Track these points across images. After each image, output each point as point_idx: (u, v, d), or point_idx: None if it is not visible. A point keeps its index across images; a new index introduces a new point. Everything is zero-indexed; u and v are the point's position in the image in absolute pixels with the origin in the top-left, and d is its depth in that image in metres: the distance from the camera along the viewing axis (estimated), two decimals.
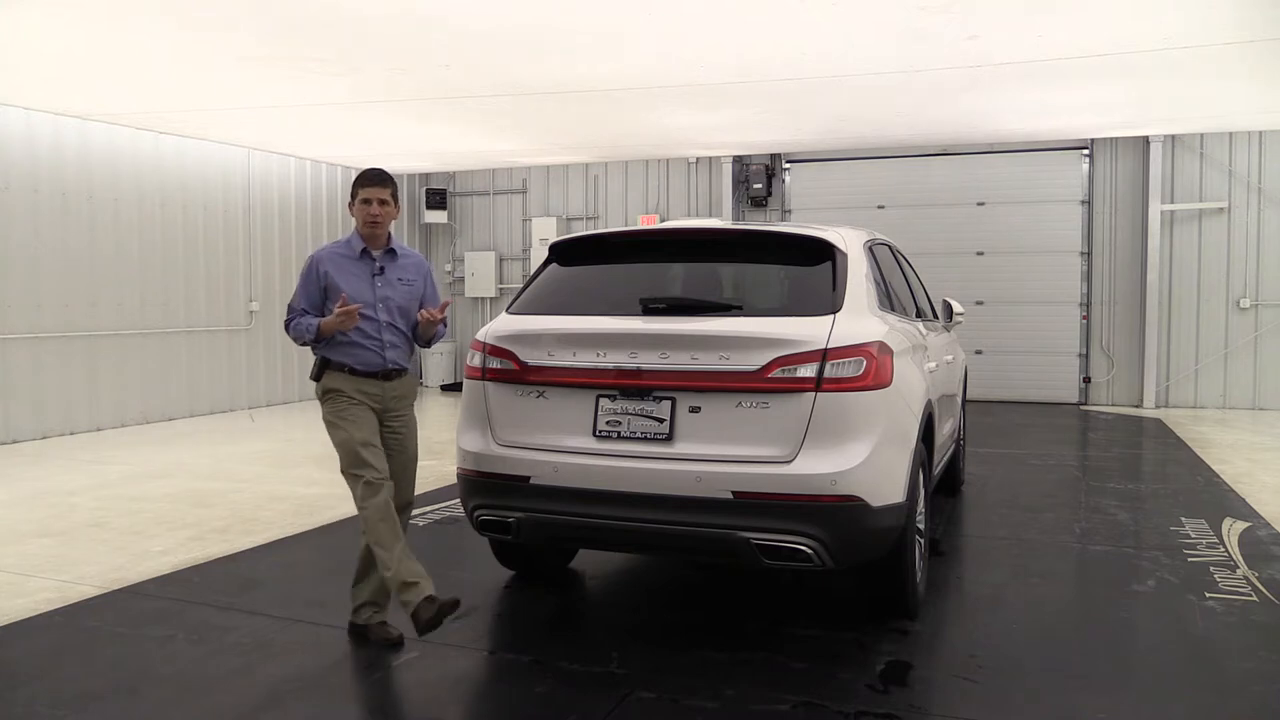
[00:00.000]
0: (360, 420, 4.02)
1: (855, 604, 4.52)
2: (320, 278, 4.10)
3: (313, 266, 4.12)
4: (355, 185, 4.13)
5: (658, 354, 3.95)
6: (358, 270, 4.11)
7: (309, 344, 4.10)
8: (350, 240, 4.17)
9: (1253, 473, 7.82)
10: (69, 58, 7.68)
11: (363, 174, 4.14)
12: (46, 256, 9.74)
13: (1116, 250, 12.38)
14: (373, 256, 4.13)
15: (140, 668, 3.86)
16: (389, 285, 4.14)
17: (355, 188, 4.12)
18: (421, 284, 4.24)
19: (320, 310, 4.10)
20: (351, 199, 4.15)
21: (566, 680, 3.71)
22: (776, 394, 3.80)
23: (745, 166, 13.64)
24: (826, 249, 4.27)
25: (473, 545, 5.18)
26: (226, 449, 9.19)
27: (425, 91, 8.94)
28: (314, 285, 4.11)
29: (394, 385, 4.13)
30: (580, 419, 4.06)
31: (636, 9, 6.51)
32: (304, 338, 4.09)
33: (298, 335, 4.11)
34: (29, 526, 6.11)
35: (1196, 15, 6.74)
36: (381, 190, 4.09)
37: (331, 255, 4.15)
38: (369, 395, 4.06)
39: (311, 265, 4.13)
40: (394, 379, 4.13)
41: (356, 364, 4.05)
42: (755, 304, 4.56)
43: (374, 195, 4.08)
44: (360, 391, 4.05)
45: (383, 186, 4.10)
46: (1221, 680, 3.76)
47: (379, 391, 4.09)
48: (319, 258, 4.14)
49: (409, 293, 4.19)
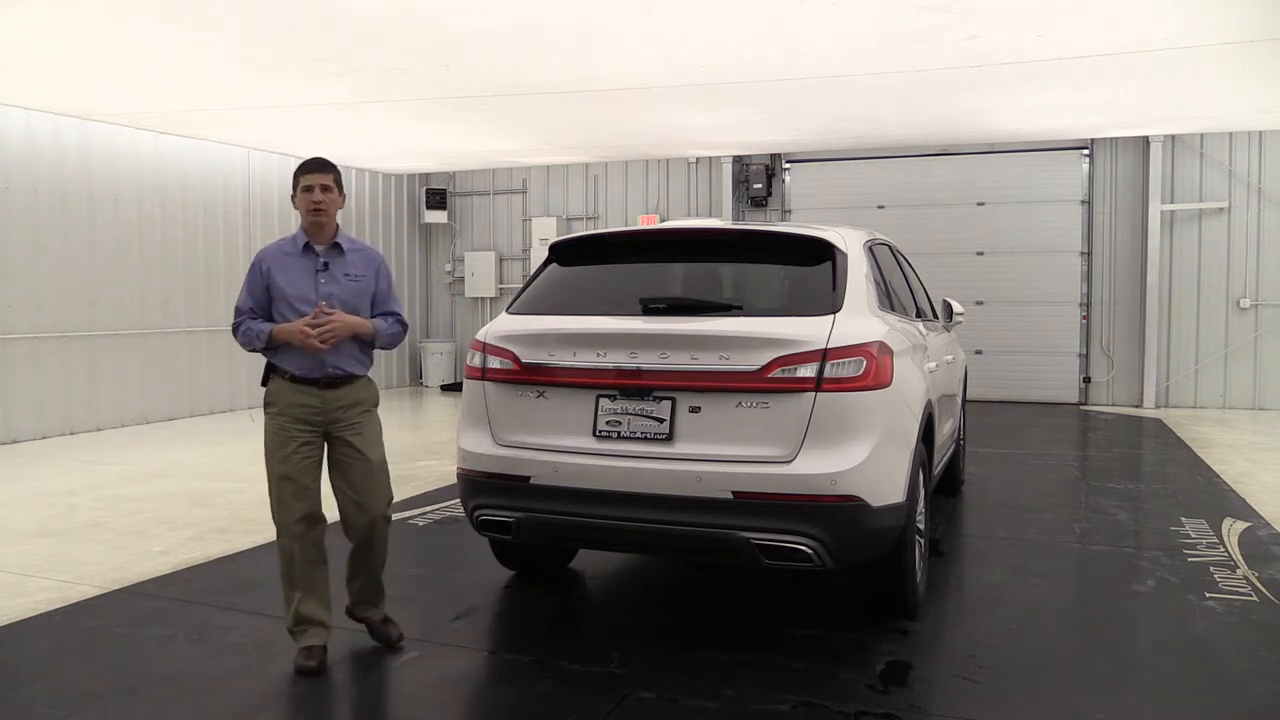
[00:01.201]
0: (286, 445, 3.76)
1: (855, 604, 4.52)
2: (264, 276, 3.84)
3: (256, 265, 3.86)
4: (296, 174, 3.86)
5: (658, 354, 3.94)
6: (300, 266, 3.84)
7: (258, 351, 3.84)
8: (295, 236, 3.91)
9: (1253, 473, 7.82)
10: (69, 58, 7.68)
11: (303, 162, 3.89)
12: (46, 256, 9.74)
13: (1116, 250, 12.38)
14: (315, 251, 3.86)
15: (140, 668, 3.86)
16: (333, 281, 3.84)
17: (296, 176, 3.85)
18: (371, 279, 3.93)
19: (267, 313, 3.84)
20: (293, 190, 3.87)
21: (566, 680, 3.71)
22: (776, 394, 3.80)
23: (745, 166, 13.64)
24: (826, 249, 4.27)
25: (473, 545, 5.18)
26: (226, 449, 9.19)
27: (425, 91, 8.94)
28: (258, 285, 3.84)
29: (338, 394, 3.81)
30: (580, 419, 4.05)
31: (636, 9, 6.51)
32: (253, 344, 3.82)
33: (246, 341, 3.84)
34: (29, 526, 6.11)
35: (1196, 15, 6.74)
36: (324, 176, 3.82)
37: (275, 253, 3.88)
38: (307, 408, 3.77)
39: (255, 264, 3.87)
40: (338, 387, 3.81)
41: (296, 369, 3.78)
42: (755, 304, 4.55)
43: (315, 181, 3.81)
44: (298, 405, 3.77)
45: (324, 173, 3.83)
46: (1221, 680, 3.76)
47: (318, 403, 3.78)
48: (262, 255, 3.89)
49: (357, 289, 3.88)
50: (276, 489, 3.79)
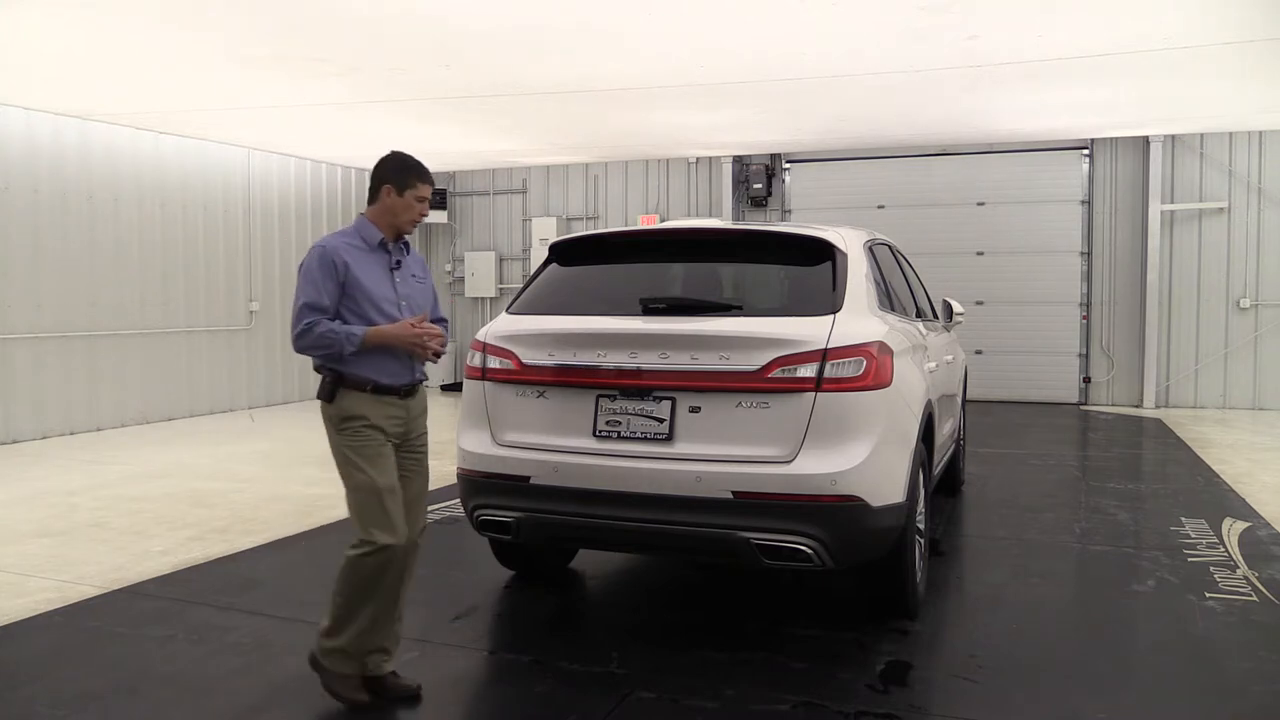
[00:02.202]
0: (385, 460, 3.41)
1: (855, 604, 4.52)
2: (339, 271, 3.38)
3: (327, 257, 3.38)
4: (410, 176, 3.48)
5: (658, 354, 3.94)
6: (377, 264, 3.48)
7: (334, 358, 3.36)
8: (360, 229, 3.51)
9: (1253, 473, 7.82)
10: (69, 58, 7.68)
11: (420, 166, 3.52)
12: (46, 256, 9.74)
13: (1116, 250, 12.37)
14: (388, 249, 3.53)
15: (140, 668, 3.86)
16: (406, 282, 3.55)
17: (411, 179, 3.47)
18: (430, 282, 3.74)
19: (338, 313, 3.40)
20: (398, 189, 3.46)
21: (566, 680, 3.71)
22: (777, 394, 3.80)
23: (745, 166, 13.64)
24: (826, 249, 4.27)
25: (473, 545, 5.18)
26: (226, 449, 9.19)
27: (425, 91, 8.94)
28: (333, 281, 3.37)
29: (417, 402, 3.58)
30: (580, 419, 4.05)
31: (636, 9, 6.51)
32: (341, 349, 3.32)
33: (328, 344, 3.32)
34: (29, 526, 6.11)
35: (1196, 15, 6.74)
36: (431, 189, 3.56)
37: (345, 246, 3.44)
38: (393, 420, 3.45)
39: (324, 256, 3.39)
40: (415, 395, 3.57)
41: (384, 378, 3.41)
42: (755, 304, 4.56)
43: (428, 194, 3.53)
44: (385, 417, 3.43)
45: (433, 185, 3.59)
46: (1221, 680, 3.76)
47: (402, 413, 3.49)
48: (333, 247, 3.42)
49: (424, 290, 3.64)
50: (380, 503, 3.37)
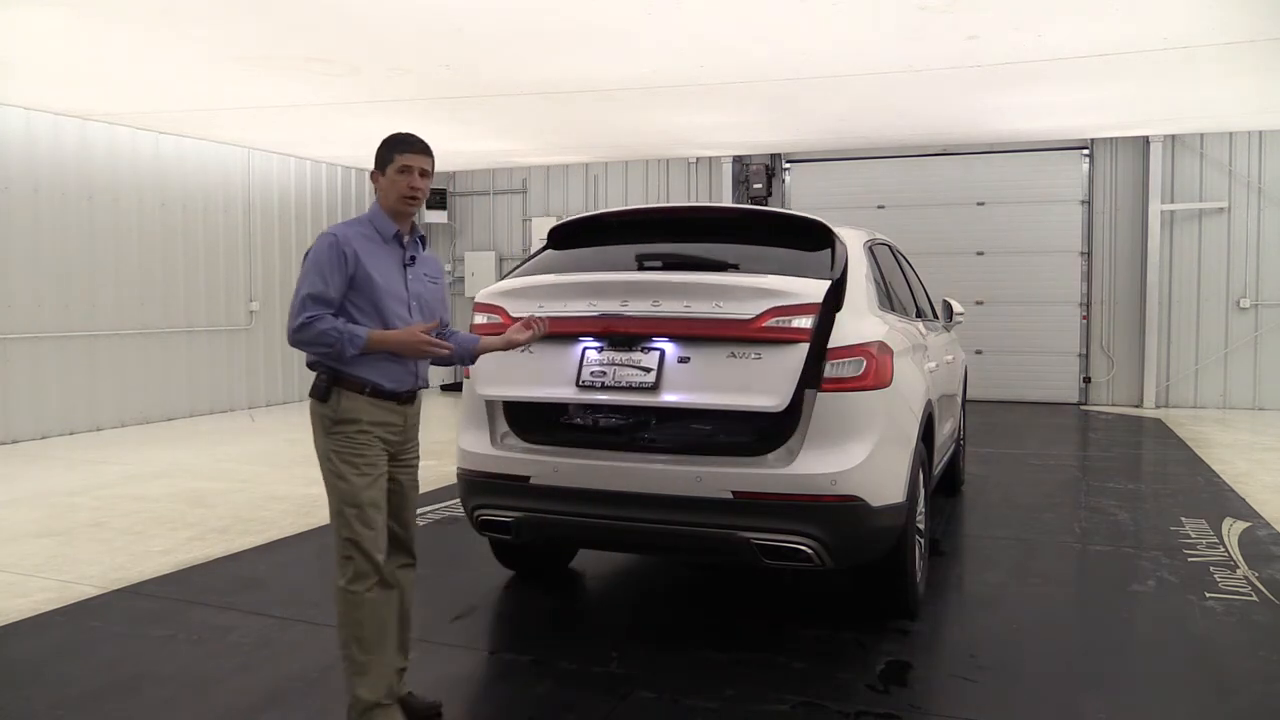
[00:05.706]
0: (374, 469, 3.14)
1: (855, 604, 4.52)
2: (349, 262, 3.07)
3: (335, 247, 3.07)
4: (391, 149, 3.19)
5: (650, 301, 3.89)
6: (389, 257, 3.18)
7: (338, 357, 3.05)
8: (373, 219, 3.21)
9: (1253, 473, 7.82)
10: (69, 58, 7.68)
11: (403, 137, 3.22)
12: (46, 256, 9.73)
13: (1116, 250, 12.37)
14: (402, 243, 3.24)
15: (140, 668, 3.86)
16: (419, 281, 3.27)
17: (391, 152, 3.18)
18: (444, 285, 3.44)
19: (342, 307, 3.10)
20: (380, 169, 3.20)
21: (566, 680, 3.71)
22: (770, 344, 3.76)
23: (745, 166, 13.63)
24: (824, 231, 4.29)
25: (473, 545, 5.18)
26: (226, 449, 9.19)
27: (425, 91, 8.94)
28: (341, 272, 3.06)
29: (415, 409, 3.31)
30: (564, 369, 4.01)
31: (637, 9, 6.51)
32: (342, 349, 3.01)
33: (328, 344, 3.01)
34: (29, 526, 6.11)
35: (1196, 15, 6.74)
36: (425, 159, 3.21)
37: (355, 236, 3.13)
38: (388, 427, 3.18)
39: (332, 246, 3.08)
40: (414, 401, 3.29)
41: (385, 381, 3.13)
42: (752, 268, 4.51)
43: (417, 164, 3.18)
44: (379, 423, 3.15)
45: (427, 155, 3.23)
46: (1221, 680, 3.76)
47: (399, 420, 3.22)
48: (344, 236, 3.11)
49: (436, 292, 3.34)
50: (365, 518, 3.10)
